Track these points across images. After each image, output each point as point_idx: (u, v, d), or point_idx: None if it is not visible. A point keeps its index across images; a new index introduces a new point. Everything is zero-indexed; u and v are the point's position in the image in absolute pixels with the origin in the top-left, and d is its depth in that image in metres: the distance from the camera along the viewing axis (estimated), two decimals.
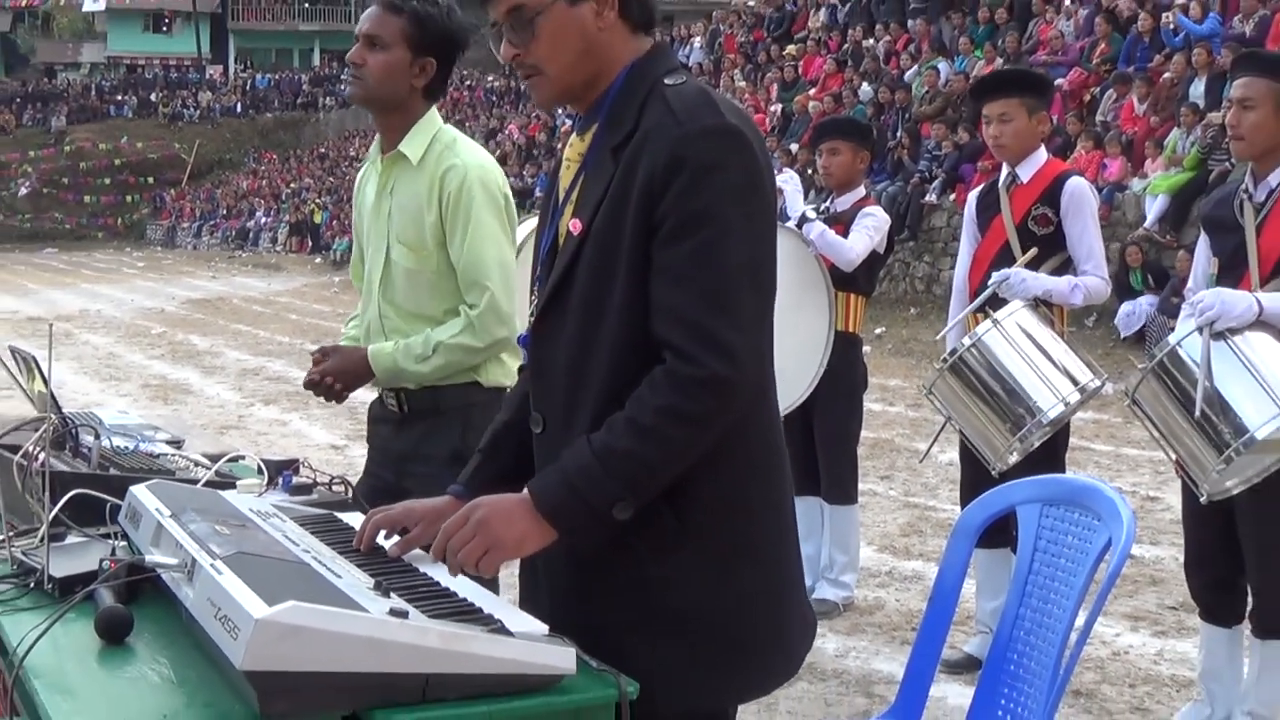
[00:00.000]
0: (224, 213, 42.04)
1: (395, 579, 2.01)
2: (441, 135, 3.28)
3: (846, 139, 5.42)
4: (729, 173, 1.97)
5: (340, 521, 2.42)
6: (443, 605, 1.91)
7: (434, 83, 3.26)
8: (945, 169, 16.57)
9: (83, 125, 49.96)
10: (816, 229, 5.22)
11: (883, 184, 16.80)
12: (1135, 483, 7.76)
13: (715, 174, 1.96)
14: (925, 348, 13.00)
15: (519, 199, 21.63)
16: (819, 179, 5.99)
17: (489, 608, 1.93)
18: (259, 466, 2.88)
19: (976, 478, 4.48)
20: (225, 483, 2.74)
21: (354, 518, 2.43)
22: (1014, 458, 4.36)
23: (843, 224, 5.31)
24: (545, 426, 2.14)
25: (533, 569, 2.19)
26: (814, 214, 5.33)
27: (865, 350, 5.85)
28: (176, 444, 3.23)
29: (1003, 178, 4.69)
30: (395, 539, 2.21)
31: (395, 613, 1.77)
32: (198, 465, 2.93)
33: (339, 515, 2.49)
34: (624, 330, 2.01)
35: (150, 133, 49.38)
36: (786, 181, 5.47)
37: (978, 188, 4.98)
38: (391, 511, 2.24)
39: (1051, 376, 4.33)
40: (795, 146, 18.22)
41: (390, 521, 2.22)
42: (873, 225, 5.29)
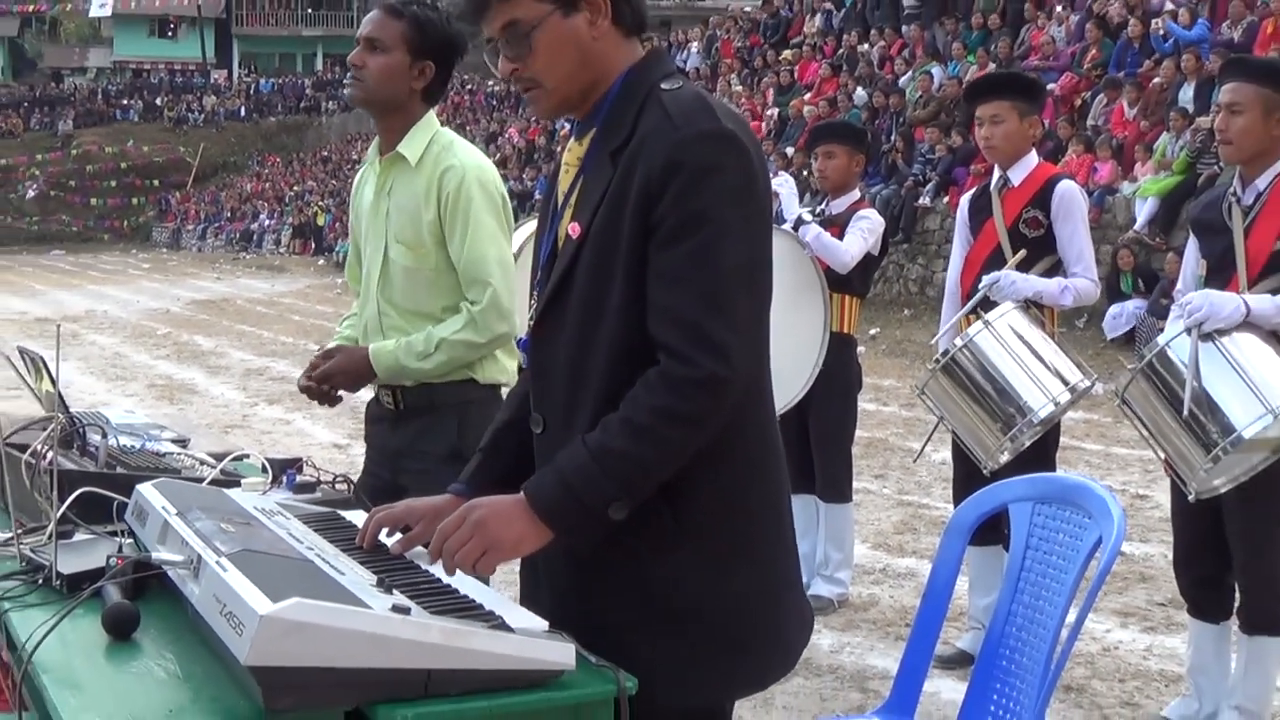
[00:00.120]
0: (228, 215, 42.02)
1: (397, 576, 2.01)
2: (439, 137, 3.29)
3: (842, 143, 5.42)
4: (725, 176, 1.97)
5: (343, 519, 2.43)
6: (444, 602, 1.92)
7: (433, 85, 3.27)
8: (939, 172, 16.59)
9: (89, 129, 49.92)
10: (812, 231, 5.22)
11: (877, 187, 16.81)
12: (1125, 481, 7.76)
13: (711, 177, 1.96)
14: (919, 348, 13.00)
15: (519, 202, 21.72)
16: (814, 182, 5.98)
17: (490, 604, 1.93)
18: (263, 465, 2.88)
19: (968, 476, 4.48)
20: (230, 481, 2.74)
21: (357, 516, 2.43)
22: (1005, 457, 4.36)
23: (838, 226, 5.31)
24: (545, 427, 2.14)
25: (533, 568, 2.19)
26: (810, 216, 5.34)
27: (860, 351, 5.85)
28: (182, 443, 3.23)
29: (994, 181, 4.69)
30: (397, 536, 2.21)
31: (398, 609, 1.77)
32: (203, 464, 2.93)
33: (342, 513, 2.49)
34: (623, 331, 2.01)
35: (156, 136, 49.34)
36: (781, 185, 5.47)
37: (970, 191, 4.98)
38: (393, 509, 2.24)
39: (1042, 377, 4.33)
40: (791, 150, 18.21)
41: (392, 519, 2.22)
42: (867, 228, 5.29)
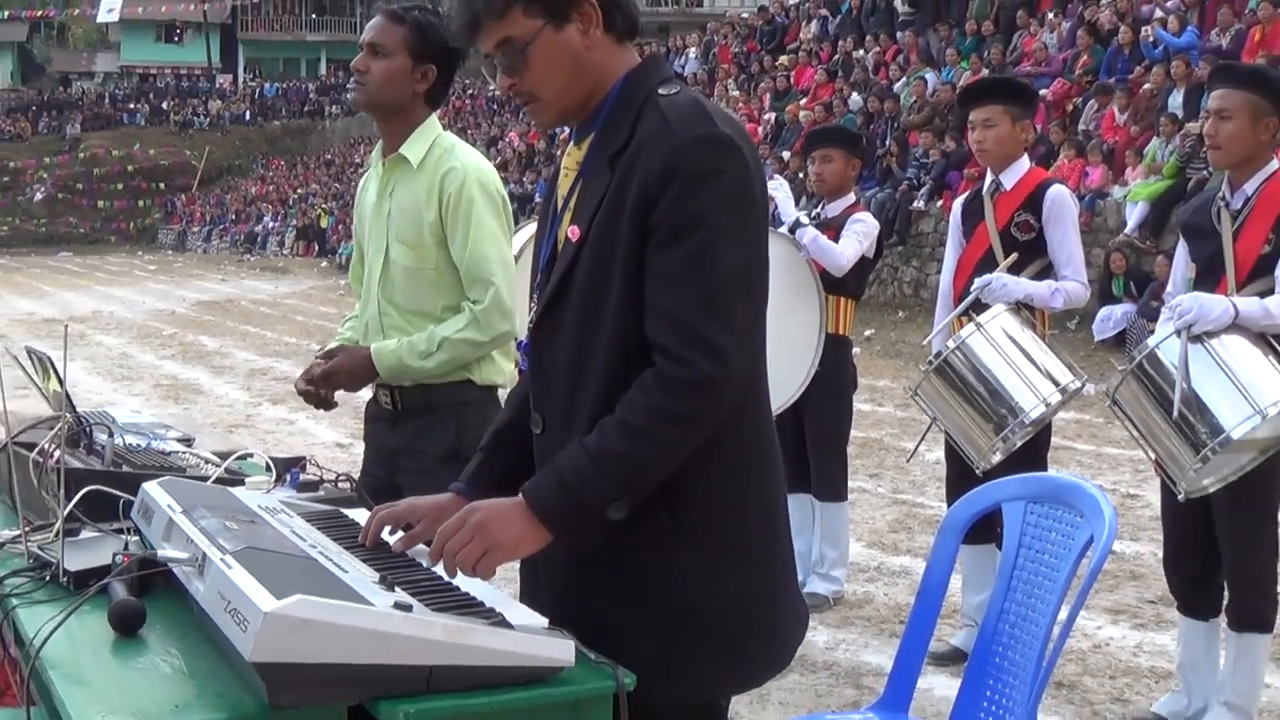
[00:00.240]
0: (233, 217, 41.99)
1: (400, 573, 2.01)
2: (441, 140, 3.30)
3: (839, 147, 5.42)
4: (721, 180, 1.97)
5: (346, 518, 2.42)
6: (446, 599, 1.91)
7: (435, 89, 3.28)
8: (932, 176, 16.58)
9: (97, 132, 49.91)
10: (809, 234, 5.22)
11: (872, 191, 16.80)
12: (1116, 481, 7.76)
13: (708, 181, 1.96)
14: (913, 349, 13.00)
15: (519, 205, 21.72)
16: (810, 185, 5.98)
17: (490, 601, 1.93)
18: (267, 464, 2.88)
19: (961, 476, 4.48)
20: (234, 480, 2.74)
21: (359, 514, 2.43)
22: (997, 457, 4.36)
23: (833, 229, 5.31)
24: (545, 427, 2.14)
25: (533, 567, 2.18)
26: (807, 219, 5.34)
27: (855, 352, 5.85)
28: (187, 442, 3.23)
29: (987, 185, 4.69)
30: (399, 534, 2.21)
31: (400, 606, 1.77)
32: (208, 463, 2.92)
33: (345, 511, 2.48)
34: (621, 333, 2.01)
35: (162, 140, 49.34)
36: (777, 189, 5.47)
37: (963, 195, 4.98)
38: (396, 508, 2.24)
39: (1033, 378, 4.33)
40: (787, 154, 18.21)
41: (395, 517, 2.22)
42: (862, 231, 5.29)
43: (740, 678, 2.13)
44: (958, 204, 4.91)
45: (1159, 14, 16.22)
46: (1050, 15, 18.45)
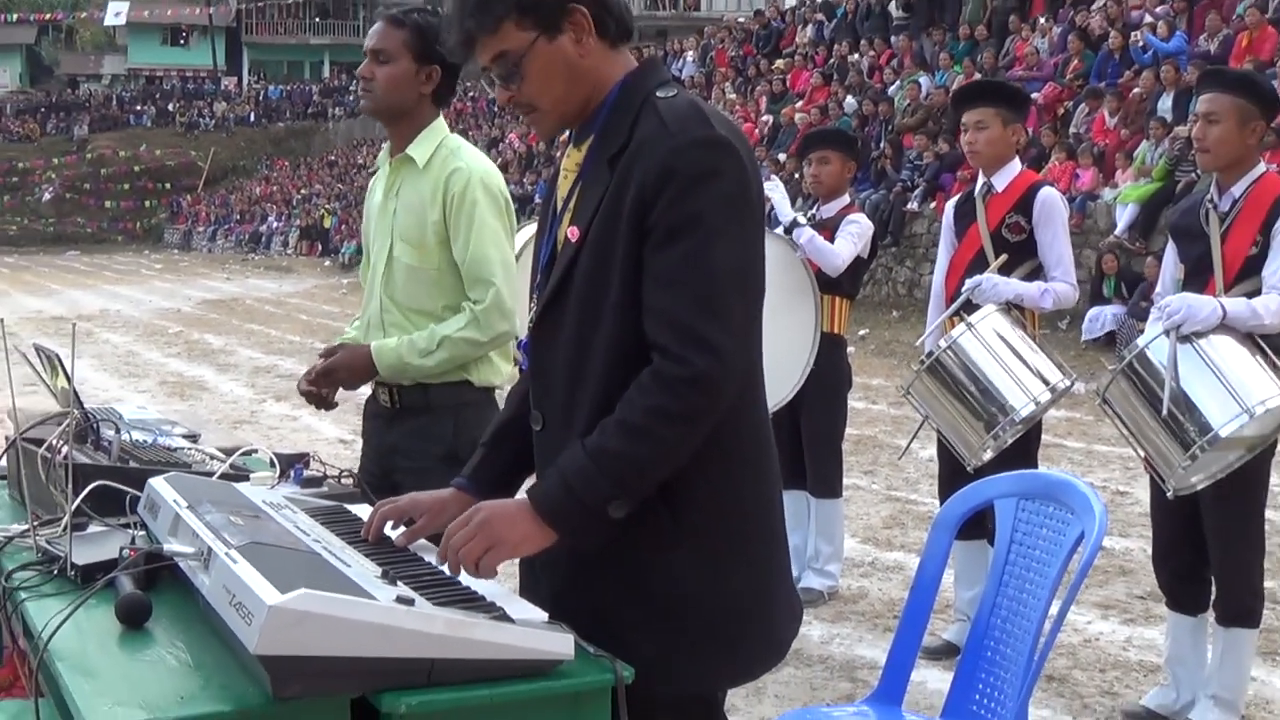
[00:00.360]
0: (238, 217, 41.97)
1: (402, 568, 2.01)
2: (448, 141, 3.30)
3: (835, 149, 5.42)
4: (718, 182, 1.97)
5: (349, 513, 2.42)
6: (447, 593, 1.92)
7: (441, 88, 3.28)
8: (926, 178, 16.58)
9: (104, 134, 49.88)
10: (806, 234, 5.21)
11: (866, 192, 16.79)
12: (1106, 478, 7.77)
13: (705, 183, 1.96)
14: (906, 349, 12.99)
15: (519, 206, 21.65)
16: (805, 186, 5.98)
17: (491, 595, 1.93)
18: (271, 460, 2.88)
19: (953, 474, 4.48)
20: (239, 475, 2.74)
21: (362, 509, 2.43)
22: (988, 454, 4.36)
23: (828, 230, 5.31)
24: (545, 424, 2.14)
25: (531, 566, 2.19)
26: (804, 220, 5.34)
27: (849, 351, 5.85)
28: (193, 438, 3.23)
29: (979, 187, 4.69)
30: (402, 529, 2.21)
31: (402, 600, 1.77)
32: (213, 459, 2.92)
33: (348, 507, 2.49)
34: (619, 332, 2.01)
35: (168, 141, 49.31)
36: (774, 189, 5.47)
37: (955, 196, 4.98)
38: (398, 503, 2.25)
39: (1023, 377, 4.33)
40: (783, 156, 18.21)
41: (397, 512, 2.23)
42: (857, 232, 5.29)
43: (738, 671, 2.13)
44: (950, 205, 4.91)
45: (1148, 19, 16.23)
46: (1042, 20, 18.46)
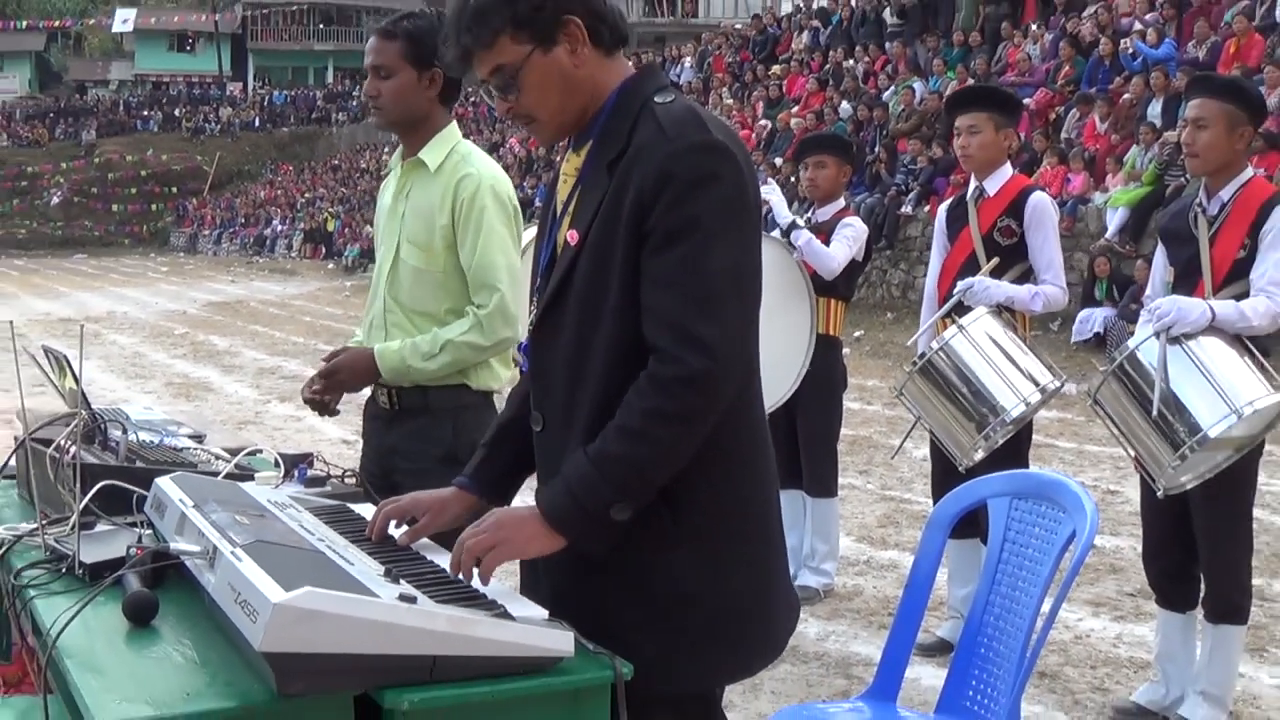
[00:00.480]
0: (242, 221, 41.97)
1: (404, 566, 2.01)
2: (459, 146, 3.30)
3: (832, 153, 5.42)
4: (716, 186, 1.97)
5: (352, 512, 2.42)
6: (449, 591, 1.92)
7: (446, 88, 3.27)
8: (920, 182, 16.58)
9: (111, 138, 49.91)
10: (804, 237, 5.21)
11: (861, 196, 16.79)
12: (1097, 477, 7.77)
13: (703, 187, 1.96)
14: (901, 350, 12.99)
15: (519, 209, 21.72)
16: (801, 190, 5.98)
17: (492, 593, 1.93)
18: (276, 460, 2.88)
19: (946, 473, 4.48)
20: (244, 475, 2.74)
21: (365, 509, 2.43)
22: (979, 454, 4.36)
23: (824, 233, 5.31)
24: (545, 425, 2.14)
25: (533, 567, 2.19)
26: (801, 222, 5.34)
27: (845, 352, 5.84)
28: (198, 438, 3.22)
29: (971, 191, 4.69)
30: (404, 528, 2.21)
31: (404, 598, 1.77)
32: (218, 459, 2.92)
33: (351, 506, 2.49)
34: (618, 334, 2.01)
35: (174, 145, 49.35)
36: (770, 192, 5.46)
37: (948, 200, 4.98)
38: (401, 502, 2.25)
39: (1013, 378, 4.33)
40: (779, 160, 18.21)
41: (400, 512, 2.23)
42: (852, 235, 5.29)
43: (736, 668, 2.13)
44: (943, 209, 4.91)
45: (1138, 26, 16.24)
46: (1034, 27, 18.48)
